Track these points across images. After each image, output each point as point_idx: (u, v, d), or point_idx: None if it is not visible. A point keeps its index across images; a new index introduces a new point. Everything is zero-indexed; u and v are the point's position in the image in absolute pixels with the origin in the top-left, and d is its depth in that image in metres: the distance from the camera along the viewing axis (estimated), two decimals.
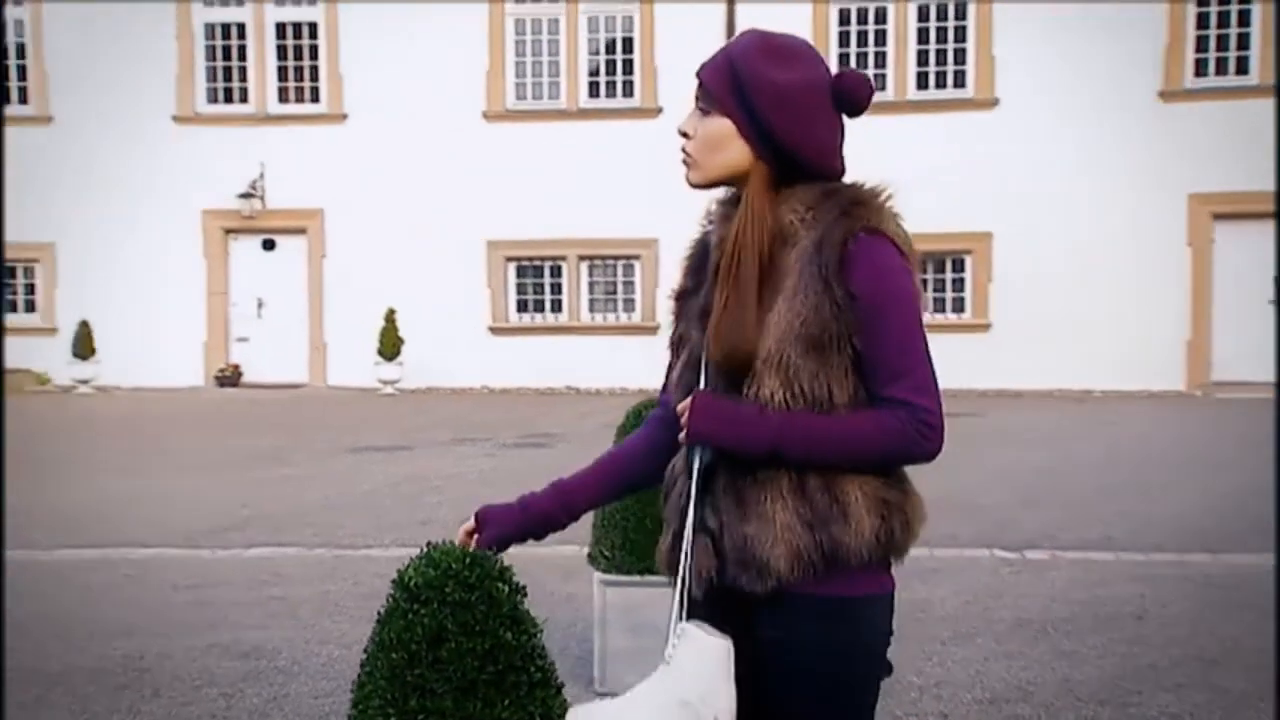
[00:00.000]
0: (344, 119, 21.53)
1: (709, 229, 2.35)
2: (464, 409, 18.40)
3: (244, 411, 18.40)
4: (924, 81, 21.10)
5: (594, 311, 21.34)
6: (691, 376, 2.30)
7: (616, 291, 21.31)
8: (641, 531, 5.00)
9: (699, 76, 2.31)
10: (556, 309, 21.46)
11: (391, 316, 20.70)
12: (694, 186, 2.33)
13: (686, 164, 2.31)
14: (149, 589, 7.54)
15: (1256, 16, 19.96)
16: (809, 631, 2.20)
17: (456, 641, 2.39)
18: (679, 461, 2.32)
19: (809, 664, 2.21)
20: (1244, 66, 20.13)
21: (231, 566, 8.14)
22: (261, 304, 21.99)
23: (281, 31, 22.06)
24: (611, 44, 21.51)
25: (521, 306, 21.61)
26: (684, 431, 2.22)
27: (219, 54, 22.16)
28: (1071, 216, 20.10)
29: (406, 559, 2.39)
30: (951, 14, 21.03)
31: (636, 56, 21.22)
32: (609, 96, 21.33)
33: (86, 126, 21.74)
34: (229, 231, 21.96)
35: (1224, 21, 20.10)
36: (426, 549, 2.54)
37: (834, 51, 21.08)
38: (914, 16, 21.10)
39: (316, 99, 21.91)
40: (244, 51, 22.10)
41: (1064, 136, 20.05)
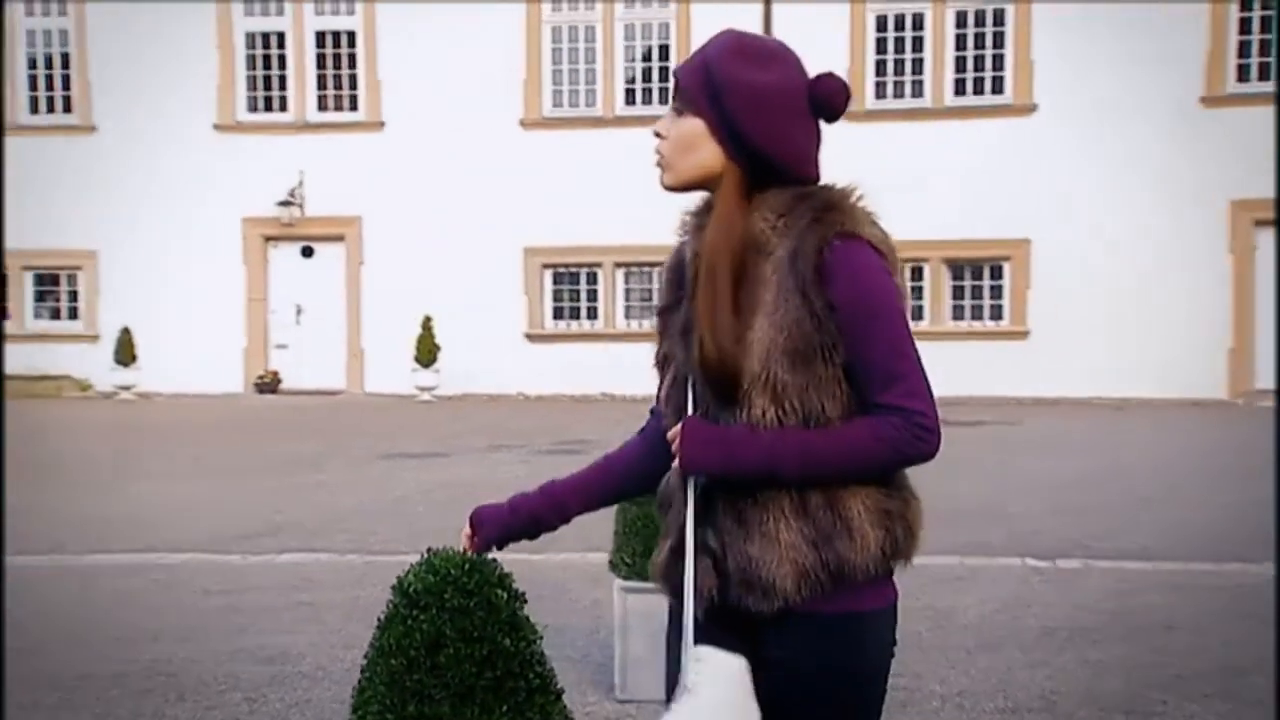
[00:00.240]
0: (382, 127, 21.66)
1: (684, 240, 2.29)
2: (500, 416, 18.45)
3: (281, 418, 18.52)
4: (961, 87, 21.01)
5: (630, 318, 21.35)
6: (680, 395, 2.25)
7: (652, 298, 21.25)
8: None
9: (675, 76, 2.27)
10: (592, 316, 21.50)
11: (428, 324, 20.80)
12: (667, 189, 2.29)
13: (660, 166, 2.27)
14: (179, 594, 7.59)
15: None
16: (817, 650, 2.17)
17: (455, 647, 2.40)
18: (674, 475, 2.27)
19: (818, 683, 2.18)
20: None
21: (262, 572, 8.18)
22: (300, 311, 22.14)
23: (321, 40, 22.23)
24: (648, 51, 21.55)
25: (558, 313, 21.66)
26: (677, 460, 2.18)
27: (259, 63, 22.35)
28: (1111, 223, 19.95)
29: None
30: (990, 19, 20.93)
31: (672, 63, 21.22)
32: (645, 103, 21.35)
33: (129, 135, 21.97)
34: (268, 239, 22.14)
35: (1267, 26, 19.90)
36: (427, 555, 2.56)
37: (870, 58, 21.04)
38: (952, 21, 21.02)
39: (355, 107, 22.06)
40: (284, 60, 22.28)
41: (1103, 142, 19.91)
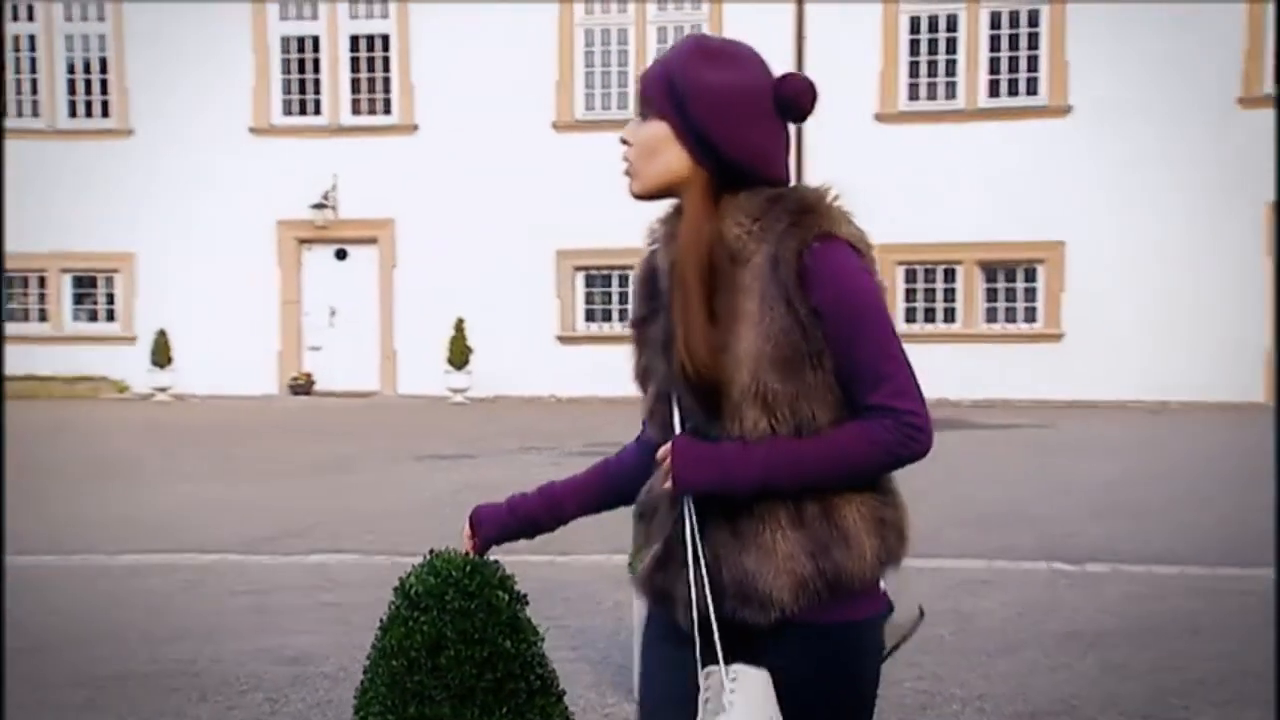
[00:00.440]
0: (415, 130, 21.75)
1: (654, 248, 2.27)
2: (531, 418, 18.49)
3: (314, 419, 18.63)
4: (995, 89, 20.92)
5: None
6: (665, 410, 2.22)
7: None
8: None
9: (639, 82, 2.25)
10: (624, 318, 21.46)
11: (460, 325, 20.88)
12: (635, 198, 2.26)
13: (627, 174, 2.25)
14: (207, 594, 7.65)
15: None
16: (815, 660, 2.16)
17: (455, 649, 2.42)
18: (656, 482, 2.23)
19: (818, 693, 2.17)
20: None
21: (290, 573, 8.23)
22: (333, 313, 22.27)
23: (355, 44, 22.36)
24: None
25: (589, 315, 21.70)
26: (669, 482, 2.14)
27: (294, 66, 22.50)
28: (1147, 224, 19.82)
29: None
30: (1024, 20, 20.83)
31: None
32: None
33: (165, 139, 22.18)
34: (302, 241, 22.28)
35: None
36: (429, 556, 2.57)
37: (904, 60, 20.98)
38: (986, 23, 20.94)
39: (388, 110, 22.18)
40: (318, 64, 22.42)
41: (1139, 143, 19.78)
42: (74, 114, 23.13)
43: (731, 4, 20.99)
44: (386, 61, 22.26)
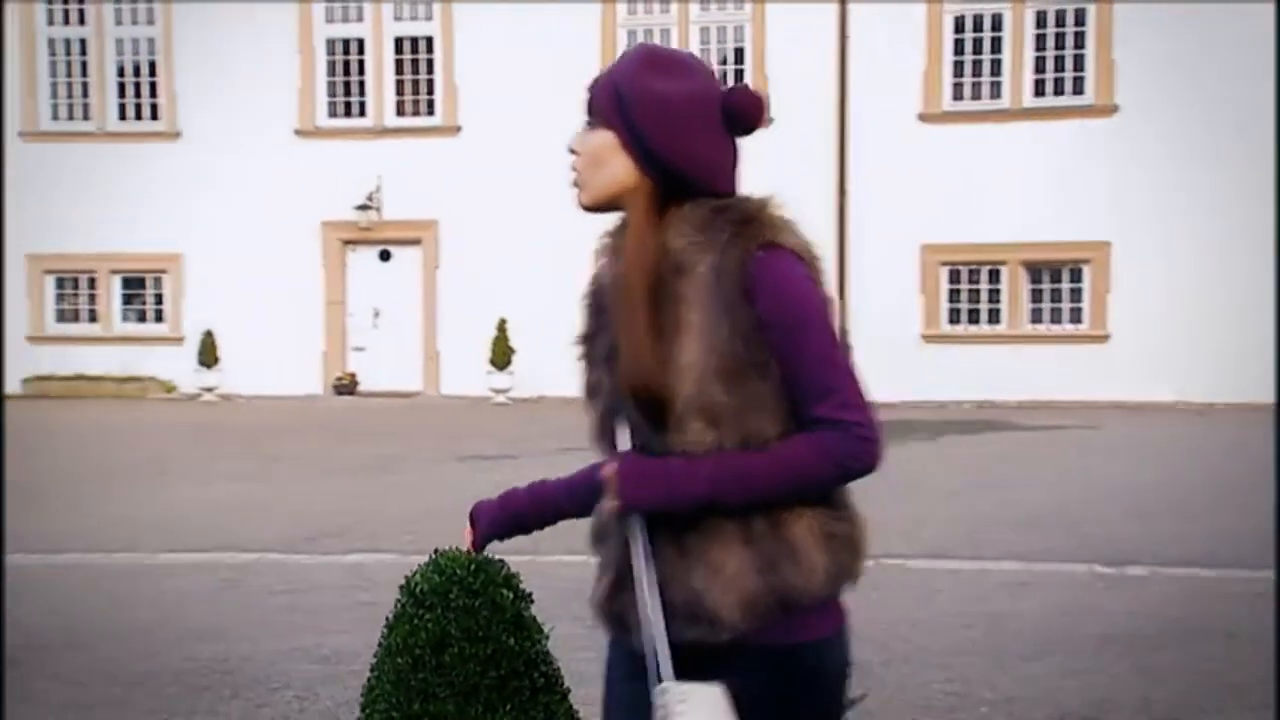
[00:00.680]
0: (458, 131, 21.84)
1: (602, 262, 2.24)
2: (573, 418, 18.16)
3: (358, 420, 18.73)
4: (1041, 88, 20.76)
5: None
6: (611, 427, 2.18)
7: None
8: None
9: (588, 90, 2.22)
10: None
11: (503, 326, 20.94)
12: (584, 209, 2.23)
13: (575, 185, 2.21)
14: (244, 593, 7.71)
15: None
16: (772, 684, 2.09)
17: (459, 646, 2.43)
18: (603, 503, 2.18)
19: (776, 717, 2.10)
20: None
21: (327, 572, 8.29)
22: (377, 314, 22.40)
23: (399, 45, 22.48)
24: (723, 54, 21.52)
25: None
26: (615, 501, 2.10)
27: (339, 69, 22.65)
28: (1194, 224, 19.60)
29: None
30: (1070, 19, 20.66)
31: (748, 66, 21.20)
32: None
33: (212, 141, 22.35)
34: (347, 242, 22.41)
35: None
36: (434, 555, 2.59)
37: (948, 59, 20.85)
38: (1031, 22, 20.78)
39: (432, 111, 22.29)
40: (363, 66, 22.55)
41: (1186, 142, 19.56)
42: (123, 116, 23.37)
43: (774, 4, 20.94)
44: (430, 63, 22.36)
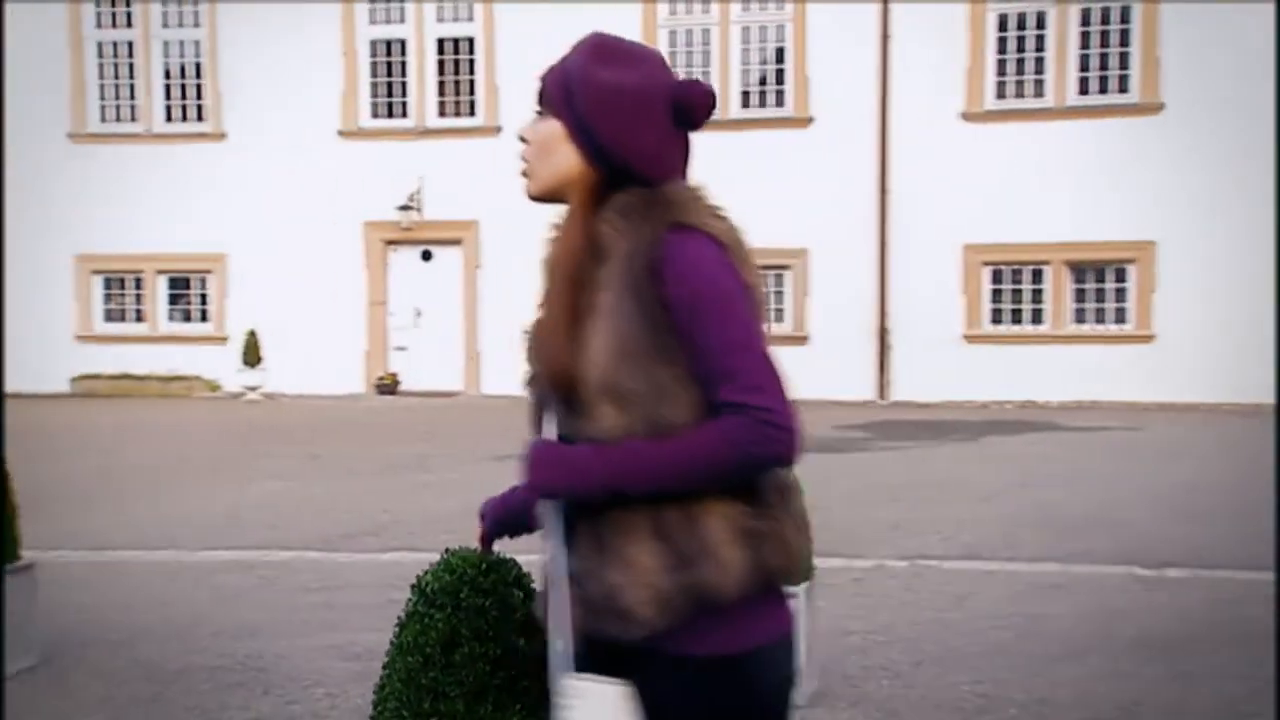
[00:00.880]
0: (499, 131, 21.86)
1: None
2: None
3: (398, 419, 18.81)
4: (1085, 86, 20.57)
5: None
6: (542, 415, 2.17)
7: (765, 302, 21.19)
8: None
9: (540, 80, 2.19)
10: None
11: None
12: (531, 199, 2.22)
13: (523, 174, 2.20)
14: (280, 590, 7.76)
15: None
16: (697, 697, 2.02)
17: (469, 646, 2.43)
18: (541, 501, 2.19)
19: None
20: None
21: (363, 570, 8.33)
22: (419, 314, 22.49)
23: (441, 47, 22.57)
24: (764, 54, 21.48)
25: None
26: (525, 485, 2.09)
27: (381, 70, 22.76)
28: (1240, 223, 19.36)
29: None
30: (1115, 16, 20.47)
31: (789, 66, 21.15)
32: (761, 106, 21.30)
33: (257, 142, 22.52)
34: (389, 243, 22.52)
35: None
36: (445, 554, 2.60)
37: (991, 57, 20.71)
38: (1075, 20, 20.60)
39: (473, 112, 22.35)
40: (405, 67, 22.66)
41: (1232, 141, 19.33)
42: (170, 118, 23.56)
43: (815, 3, 20.87)
44: (472, 64, 22.44)
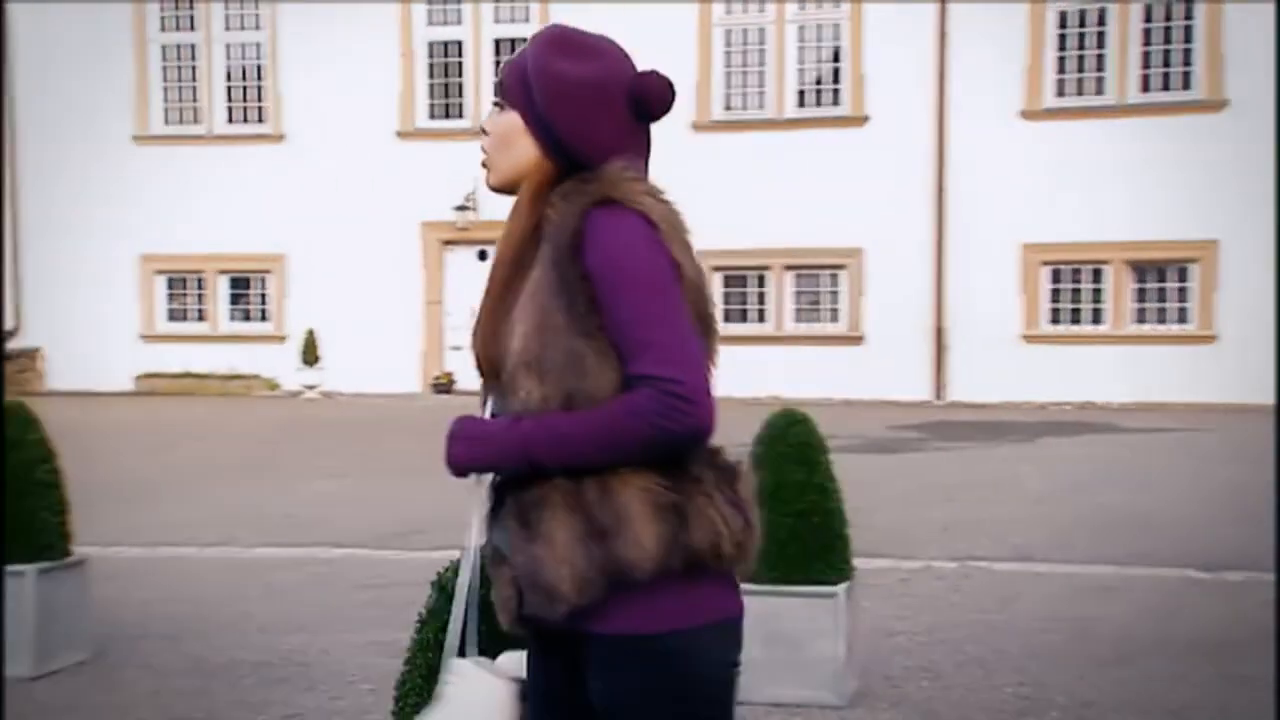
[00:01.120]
0: None
1: None
2: None
3: (452, 418, 18.89)
4: (1147, 83, 20.31)
5: (799, 321, 21.22)
6: (484, 396, 2.20)
7: (820, 301, 21.15)
8: (773, 541, 4.95)
9: (500, 72, 2.21)
10: (761, 318, 21.41)
11: None
12: (492, 190, 2.22)
13: (484, 165, 2.21)
14: (330, 587, 7.82)
15: None
16: (615, 677, 2.02)
17: (488, 643, 2.44)
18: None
19: (622, 711, 2.03)
20: None
21: (413, 567, 8.34)
22: (475, 314, 22.45)
23: (498, 47, 22.66)
24: (819, 52, 21.39)
25: (726, 316, 21.58)
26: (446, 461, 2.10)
27: (439, 71, 22.89)
28: None
29: None
30: (1178, 12, 20.20)
31: (844, 64, 21.05)
32: (816, 105, 21.21)
33: (316, 143, 22.70)
34: (445, 243, 22.64)
35: None
36: (464, 551, 2.59)
37: (1051, 55, 20.50)
38: (1138, 16, 20.35)
39: None
40: (462, 68, 22.77)
41: None
42: (231, 120, 23.82)
43: (871, 2, 20.75)
44: None
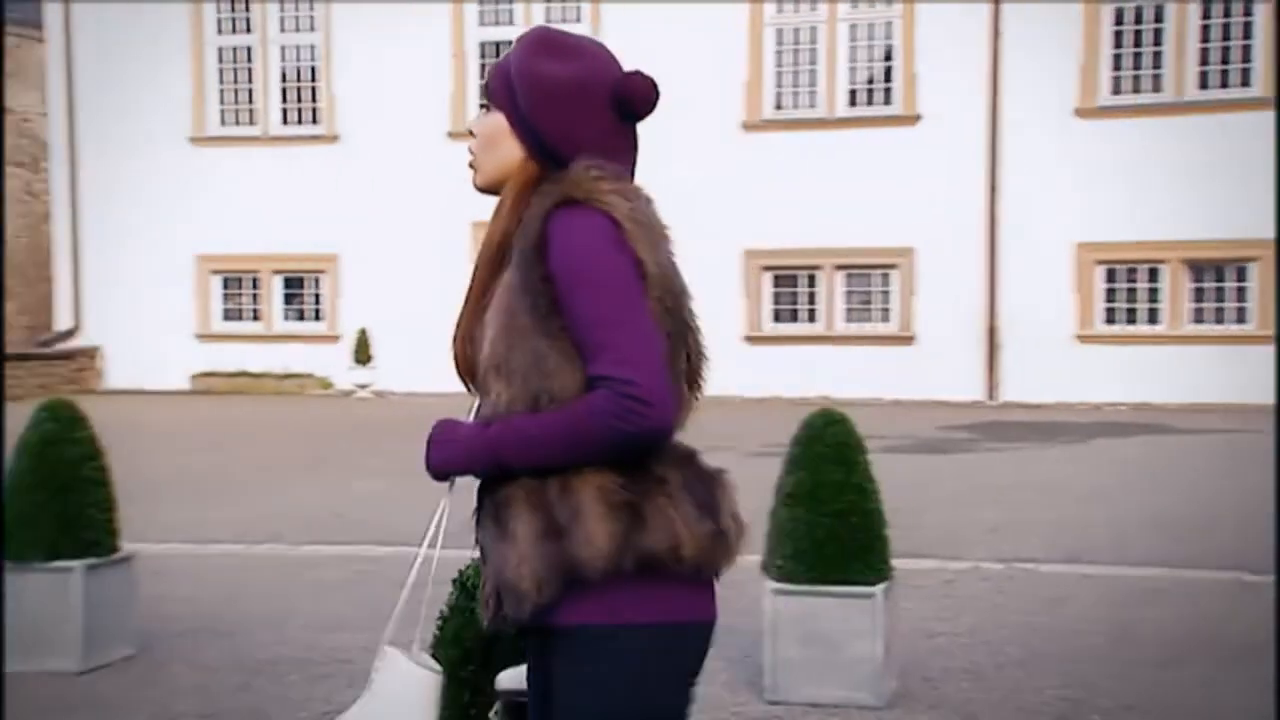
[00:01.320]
0: None
1: None
2: (714, 417, 18.20)
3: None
4: (1205, 80, 20.06)
5: (850, 321, 21.12)
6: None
7: (871, 301, 21.04)
8: (810, 541, 4.94)
9: (488, 74, 2.25)
10: (811, 318, 21.31)
11: None
12: (478, 191, 2.25)
13: (471, 166, 2.23)
14: (374, 586, 7.83)
15: None
16: (567, 665, 2.07)
17: (508, 642, 2.44)
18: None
19: (575, 707, 2.07)
20: None
21: (456, 566, 8.38)
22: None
23: None
24: (871, 51, 21.28)
25: (777, 316, 21.55)
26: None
27: (489, 71, 22.92)
28: None
29: None
30: (1237, 8, 19.94)
31: (896, 64, 20.92)
32: (868, 104, 21.11)
33: (368, 144, 22.87)
34: None
35: None
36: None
37: (1106, 52, 20.28)
38: (1196, 12, 20.10)
39: None
40: None
41: None
42: (286, 121, 24.03)
43: (925, 2, 20.61)
44: None
